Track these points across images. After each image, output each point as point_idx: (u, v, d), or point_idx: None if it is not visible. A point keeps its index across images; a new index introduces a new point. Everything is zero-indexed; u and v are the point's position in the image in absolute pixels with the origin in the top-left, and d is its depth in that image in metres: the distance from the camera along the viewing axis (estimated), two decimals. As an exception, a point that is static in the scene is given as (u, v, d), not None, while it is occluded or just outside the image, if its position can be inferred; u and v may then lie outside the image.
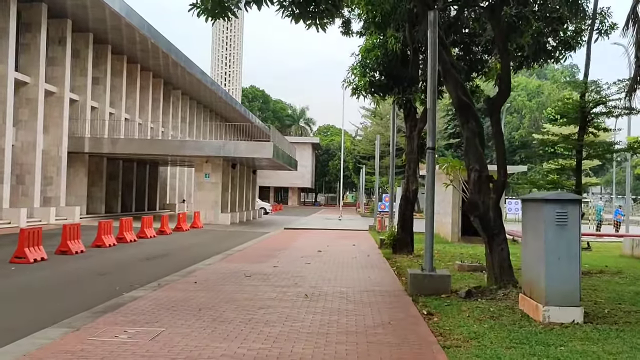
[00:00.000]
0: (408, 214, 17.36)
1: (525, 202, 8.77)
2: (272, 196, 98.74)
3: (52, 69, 32.68)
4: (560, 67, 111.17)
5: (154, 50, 39.16)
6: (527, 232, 8.74)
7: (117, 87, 40.10)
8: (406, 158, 17.55)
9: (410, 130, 17.32)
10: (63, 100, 32.68)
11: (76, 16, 32.68)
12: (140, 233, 23.59)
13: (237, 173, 41.43)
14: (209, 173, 35.43)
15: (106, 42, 37.25)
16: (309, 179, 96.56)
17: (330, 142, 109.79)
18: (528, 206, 8.63)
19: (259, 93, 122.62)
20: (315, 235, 27.13)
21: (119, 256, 17.28)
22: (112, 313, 8.14)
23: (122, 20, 32.88)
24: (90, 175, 37.45)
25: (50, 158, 32.44)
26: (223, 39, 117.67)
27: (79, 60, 35.30)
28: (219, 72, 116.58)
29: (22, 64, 30.06)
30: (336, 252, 18.52)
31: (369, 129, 77.10)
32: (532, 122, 66.18)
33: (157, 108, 47.39)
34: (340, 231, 30.68)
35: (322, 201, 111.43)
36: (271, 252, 18.20)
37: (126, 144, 34.82)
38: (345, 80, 17.63)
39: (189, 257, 17.13)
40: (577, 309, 7.85)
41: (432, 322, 8.10)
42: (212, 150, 34.38)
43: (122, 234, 21.44)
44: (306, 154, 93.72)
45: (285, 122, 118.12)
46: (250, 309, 8.63)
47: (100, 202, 38.43)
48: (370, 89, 17.21)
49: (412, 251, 17.29)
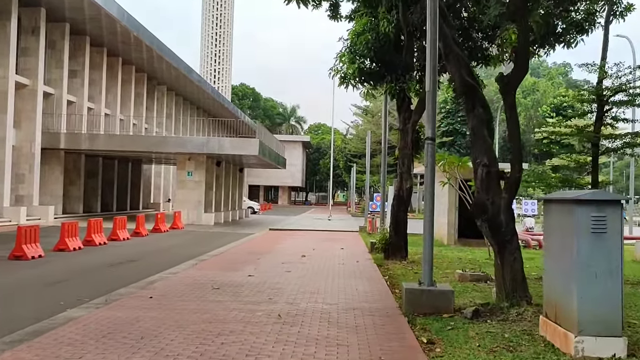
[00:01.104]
0: (401, 215, 15.68)
1: (550, 204, 7.08)
2: (262, 195, 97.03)
3: (24, 60, 30.79)
4: (553, 65, 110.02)
5: (137, 43, 37.31)
6: (551, 240, 7.06)
7: (97, 81, 38.21)
8: (399, 154, 15.88)
9: (404, 123, 15.63)
10: (36, 94, 30.77)
11: (51, 4, 30.77)
12: (112, 235, 21.81)
13: (223, 171, 39.65)
14: (192, 171, 33.63)
15: (84, 33, 35.34)
16: (299, 178, 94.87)
17: (321, 140, 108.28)
18: (553, 208, 6.94)
19: (249, 91, 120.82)
20: (301, 237, 25.43)
21: (80, 262, 15.51)
22: (27, 344, 6.40)
23: (101, 11, 31.04)
24: (67, 173, 35.57)
25: (22, 155, 30.54)
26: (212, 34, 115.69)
27: (55, 51, 33.39)
28: (208, 70, 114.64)
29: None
30: (322, 256, 16.83)
31: (361, 127, 75.48)
32: (528, 119, 64.66)
33: (140, 104, 45.53)
34: (328, 232, 28.98)
35: (312, 200, 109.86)
36: (250, 256, 16.50)
37: (103, 140, 32.99)
38: (332, 69, 15.93)
39: (158, 263, 15.39)
40: (619, 340, 6.18)
41: (434, 354, 6.42)
42: (195, 147, 32.58)
43: (90, 236, 19.65)
44: (297, 153, 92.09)
45: (275, 120, 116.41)
46: (206, 337, 6.90)
47: (78, 201, 36.55)
48: (360, 77, 15.52)
49: (405, 256, 15.63)
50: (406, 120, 15.68)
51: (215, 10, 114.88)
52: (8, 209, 28.31)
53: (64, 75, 33.52)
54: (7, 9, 28.10)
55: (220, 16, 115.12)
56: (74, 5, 30.79)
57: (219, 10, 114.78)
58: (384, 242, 15.69)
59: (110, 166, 41.81)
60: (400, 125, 15.77)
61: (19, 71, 30.51)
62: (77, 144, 32.78)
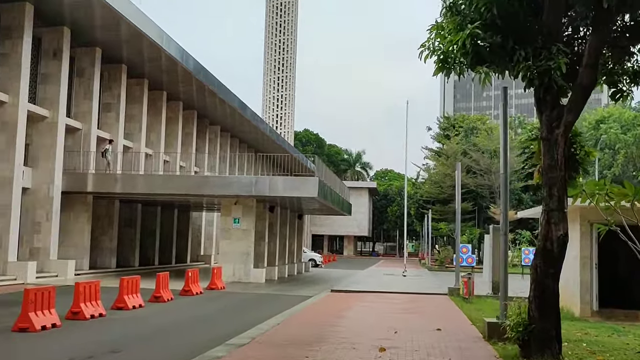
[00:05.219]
0: (550, 282, 9.20)
1: None
2: (326, 245, 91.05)
3: (44, 87, 26.28)
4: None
5: (184, 75, 32.52)
6: None
7: (136, 117, 33.47)
8: (541, 178, 9.52)
9: (551, 128, 9.31)
10: (56, 127, 26.05)
11: (77, 24, 26.24)
12: (118, 302, 16.10)
13: (277, 218, 33.85)
14: (239, 217, 27.90)
15: (119, 60, 30.76)
16: (365, 227, 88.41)
17: (389, 187, 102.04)
18: None
19: (312, 137, 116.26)
20: (373, 303, 19.06)
21: (28, 354, 9.74)
22: None
23: (140, 35, 26.37)
24: (97, 221, 30.58)
25: (39, 199, 25.69)
26: (275, 79, 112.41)
27: (83, 80, 28.78)
28: (270, 115, 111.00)
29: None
30: (411, 349, 10.45)
31: (433, 170, 68.87)
32: (628, 158, 56.36)
33: (189, 144, 40.62)
34: (408, 296, 22.36)
35: (380, 251, 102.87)
36: (298, 346, 10.33)
37: (125, 181, 27.73)
38: (424, 46, 9.89)
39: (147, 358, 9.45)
40: None
41: None
42: (242, 188, 26.90)
43: (78, 306, 13.95)
44: (363, 200, 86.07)
45: (340, 167, 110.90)
46: None
47: (111, 254, 31.31)
48: (472, 53, 9.40)
49: (559, 352, 9.08)
50: (554, 122, 9.34)
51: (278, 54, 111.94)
52: (14, 265, 23.25)
53: (93, 107, 28.78)
54: (19, 25, 23.64)
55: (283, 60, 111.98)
56: (106, 26, 26.23)
57: (281, 54, 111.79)
58: (522, 327, 9.16)
59: (151, 213, 36.70)
60: (543, 131, 9.43)
61: (38, 101, 26.01)
62: (106, 187, 27.76)
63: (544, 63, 9.13)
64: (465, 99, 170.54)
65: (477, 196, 59.58)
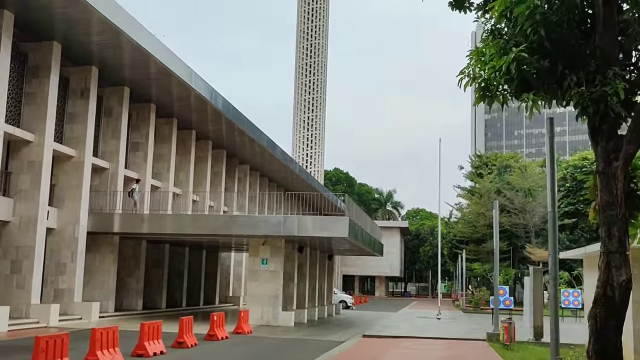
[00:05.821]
0: (612, 335, 8.11)
1: None
2: (357, 286, 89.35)
3: (71, 127, 26.12)
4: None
5: (213, 114, 32.20)
6: None
7: (164, 156, 33.13)
8: (598, 215, 8.51)
9: (608, 160, 8.35)
10: (83, 167, 25.76)
11: (106, 64, 26.19)
12: (138, 348, 15.27)
13: (307, 259, 32.90)
14: (267, 258, 27.07)
15: (148, 99, 30.61)
16: (397, 267, 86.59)
17: (420, 226, 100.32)
18: None
19: (342, 175, 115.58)
20: (409, 351, 17.91)
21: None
22: None
23: (169, 74, 26.20)
24: (124, 262, 30.07)
25: (64, 240, 25.25)
26: (305, 119, 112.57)
27: (111, 119, 28.62)
28: (300, 154, 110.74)
29: (25, 119, 23.59)
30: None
31: (466, 210, 67.30)
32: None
33: (219, 184, 40.14)
34: (445, 342, 21.10)
35: (412, 291, 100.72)
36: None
37: (156, 221, 27.18)
38: (463, 73, 9.08)
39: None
40: None
41: None
42: (270, 228, 26.08)
43: (94, 354, 13.14)
44: (394, 240, 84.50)
45: (371, 206, 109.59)
46: None
47: (137, 295, 30.66)
48: (517, 80, 8.55)
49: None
50: (610, 154, 8.38)
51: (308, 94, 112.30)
52: (37, 307, 22.66)
53: (120, 146, 28.52)
54: (46, 64, 23.56)
55: (313, 100, 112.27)
56: (134, 65, 26.08)
57: (311, 94, 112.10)
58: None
59: (179, 254, 36.05)
60: (599, 164, 8.46)
61: (65, 140, 25.82)
62: (133, 227, 27.20)
63: (599, 89, 8.22)
64: (496, 138, 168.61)
65: (512, 235, 57.88)
